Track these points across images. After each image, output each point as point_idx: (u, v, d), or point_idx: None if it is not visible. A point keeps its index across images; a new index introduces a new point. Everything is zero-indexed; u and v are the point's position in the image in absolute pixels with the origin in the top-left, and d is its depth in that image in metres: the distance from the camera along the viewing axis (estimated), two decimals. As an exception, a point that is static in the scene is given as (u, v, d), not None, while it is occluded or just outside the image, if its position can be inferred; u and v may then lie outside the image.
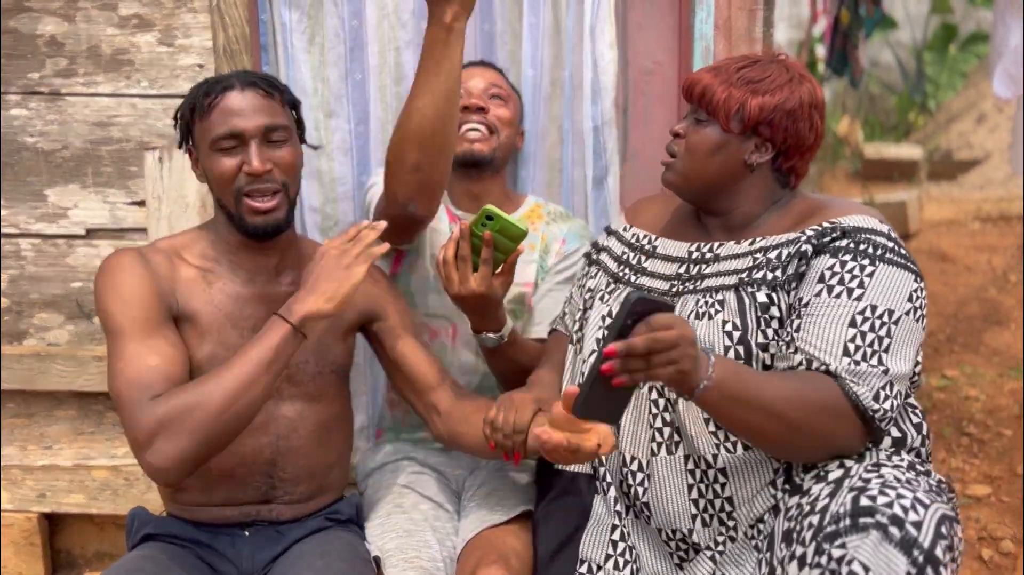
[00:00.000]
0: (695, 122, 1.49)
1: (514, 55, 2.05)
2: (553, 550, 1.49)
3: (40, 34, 1.99)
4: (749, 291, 1.41)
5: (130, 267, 1.48)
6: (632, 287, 1.55)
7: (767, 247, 1.45)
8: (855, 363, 1.31)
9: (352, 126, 2.06)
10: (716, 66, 1.49)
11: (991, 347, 3.70)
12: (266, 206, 1.49)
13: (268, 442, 1.54)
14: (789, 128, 1.45)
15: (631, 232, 1.66)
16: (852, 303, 1.34)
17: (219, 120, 1.47)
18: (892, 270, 1.36)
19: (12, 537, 2.15)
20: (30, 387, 2.08)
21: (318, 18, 2.00)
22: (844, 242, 1.39)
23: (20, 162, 2.04)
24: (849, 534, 1.17)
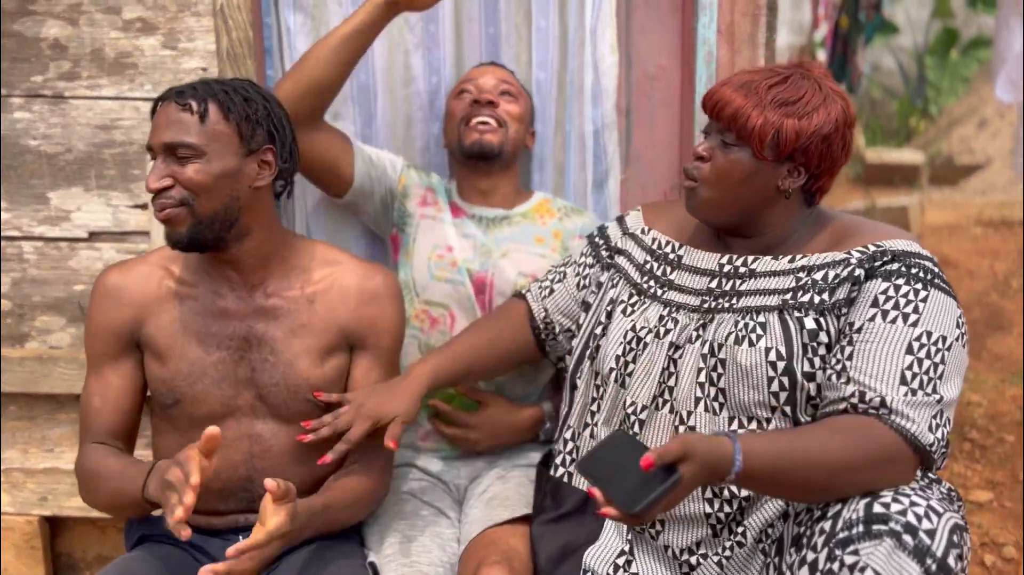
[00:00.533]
0: (722, 144, 1.39)
1: (519, 58, 2.05)
2: (556, 558, 1.48)
3: (44, 37, 1.99)
4: (796, 316, 1.35)
5: (96, 298, 1.57)
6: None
7: (811, 267, 1.38)
8: (912, 392, 1.26)
9: (358, 128, 2.06)
10: (744, 83, 1.38)
11: (993, 352, 3.70)
12: (163, 216, 1.47)
13: (242, 459, 1.53)
14: (824, 152, 1.38)
15: (651, 236, 1.58)
16: (908, 329, 1.29)
17: (151, 131, 1.50)
18: (942, 296, 1.32)
19: (13, 540, 2.14)
20: (32, 390, 2.08)
21: (322, 20, 2.00)
22: (895, 266, 1.33)
23: (23, 165, 2.04)
24: (862, 541, 1.16)
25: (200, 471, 1.28)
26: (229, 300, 1.54)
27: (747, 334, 1.36)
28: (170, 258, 1.58)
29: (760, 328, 1.36)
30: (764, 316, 1.37)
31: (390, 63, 2.03)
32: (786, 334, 1.34)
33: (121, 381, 1.56)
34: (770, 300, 1.38)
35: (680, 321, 1.45)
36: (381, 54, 2.03)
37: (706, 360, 1.39)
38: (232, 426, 1.52)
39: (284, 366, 1.53)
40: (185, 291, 1.55)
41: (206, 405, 1.52)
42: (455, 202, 1.93)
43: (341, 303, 1.57)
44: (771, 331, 1.35)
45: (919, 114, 8.59)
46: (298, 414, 1.54)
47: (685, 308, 1.46)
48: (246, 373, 1.52)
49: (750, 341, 1.35)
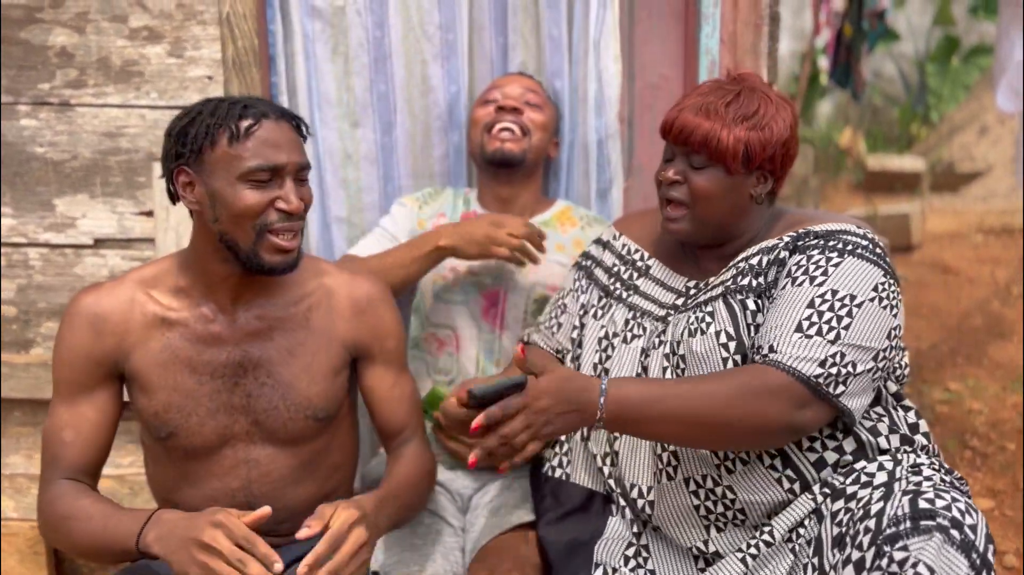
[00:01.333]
0: (691, 167, 1.46)
1: (526, 67, 2.06)
2: (564, 554, 1.49)
3: (51, 45, 2.00)
4: (738, 299, 1.42)
5: (72, 324, 1.46)
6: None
7: (748, 256, 1.46)
8: (805, 337, 1.31)
9: (378, 136, 2.07)
10: (701, 106, 1.44)
11: (994, 360, 3.70)
12: (291, 245, 1.41)
13: (239, 486, 1.48)
14: (784, 156, 1.47)
15: (621, 241, 1.65)
16: (813, 288, 1.35)
17: (256, 150, 1.37)
18: (859, 263, 1.37)
19: (17, 545, 2.15)
20: (36, 396, 2.08)
21: (341, 27, 2.02)
22: (815, 241, 1.41)
23: (29, 172, 2.05)
24: (910, 536, 1.18)
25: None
26: (219, 324, 1.47)
27: (698, 325, 1.43)
28: (147, 281, 1.49)
29: (709, 316, 1.43)
30: (711, 305, 1.44)
31: (408, 73, 2.04)
32: (732, 316, 1.41)
33: (96, 414, 1.46)
34: (715, 291, 1.46)
35: (647, 327, 1.52)
36: (400, 64, 2.04)
37: (669, 359, 1.46)
38: (228, 454, 1.48)
39: (283, 387, 1.48)
40: (172, 317, 1.46)
41: (201, 436, 1.46)
42: (476, 211, 1.93)
43: (338, 317, 1.53)
44: (719, 316, 1.42)
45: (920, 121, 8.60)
46: (297, 435, 1.50)
47: (649, 315, 1.53)
48: (241, 400, 1.47)
49: (701, 330, 1.42)
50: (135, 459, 2.11)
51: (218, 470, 1.48)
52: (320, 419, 1.51)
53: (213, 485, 1.48)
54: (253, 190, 1.38)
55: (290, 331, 1.50)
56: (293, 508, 1.52)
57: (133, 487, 2.14)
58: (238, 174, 1.37)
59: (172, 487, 1.51)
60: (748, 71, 1.54)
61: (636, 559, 1.46)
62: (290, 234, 1.41)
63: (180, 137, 1.40)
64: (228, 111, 1.39)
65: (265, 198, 1.38)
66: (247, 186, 1.38)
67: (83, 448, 1.46)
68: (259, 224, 1.39)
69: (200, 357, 1.46)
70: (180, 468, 1.49)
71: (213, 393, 1.46)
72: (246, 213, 1.38)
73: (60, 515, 1.41)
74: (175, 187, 1.43)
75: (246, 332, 1.47)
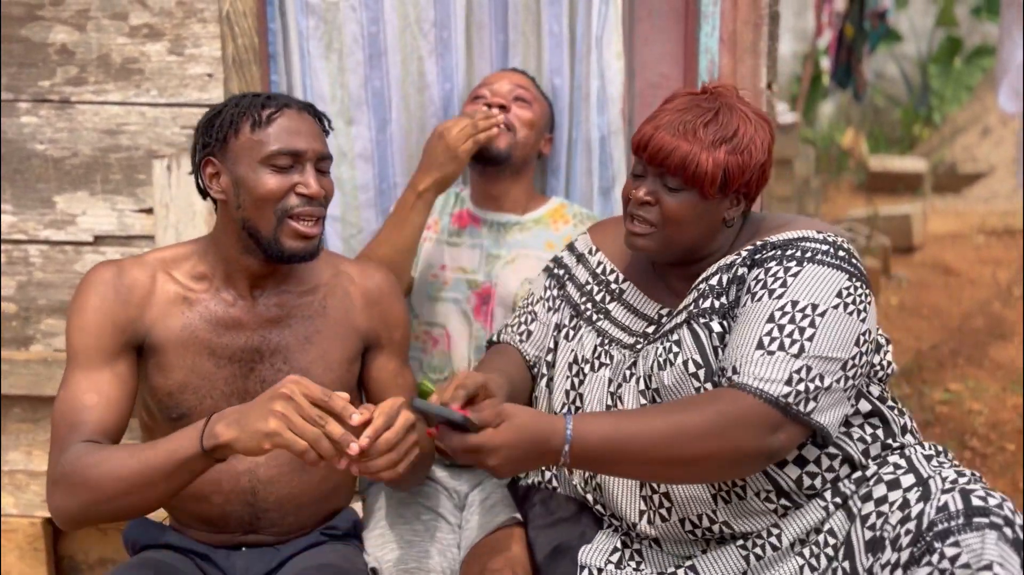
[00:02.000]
0: (665, 188, 1.39)
1: (527, 64, 2.06)
2: (550, 556, 1.48)
3: (51, 43, 2.01)
4: (702, 323, 1.37)
5: (97, 290, 1.43)
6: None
7: (708, 276, 1.41)
8: (768, 354, 1.25)
9: (373, 133, 2.07)
10: (677, 124, 1.37)
11: (995, 361, 3.70)
12: (312, 231, 1.43)
13: (244, 470, 1.48)
14: (760, 178, 1.42)
15: (596, 258, 1.60)
16: (772, 302, 1.30)
17: (278, 136, 1.41)
18: (820, 269, 1.32)
19: (16, 542, 2.15)
20: (36, 392, 2.09)
21: (335, 24, 2.01)
22: (772, 253, 1.36)
23: (29, 169, 2.06)
24: (963, 532, 1.18)
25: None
26: (239, 310, 1.48)
27: (667, 356, 1.38)
28: (168, 262, 1.50)
29: (676, 346, 1.38)
30: (676, 333, 1.39)
31: (404, 70, 2.04)
32: (697, 342, 1.36)
33: (117, 383, 1.41)
34: (679, 318, 1.41)
35: (614, 356, 1.48)
36: (395, 61, 2.04)
37: (645, 395, 1.42)
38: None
39: (298, 374, 1.45)
40: (193, 297, 1.48)
41: None
42: (468, 209, 1.94)
43: (352, 307, 1.56)
44: (685, 345, 1.37)
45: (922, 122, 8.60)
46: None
47: (618, 343, 1.49)
48: (256, 386, 1.48)
49: (670, 362, 1.37)
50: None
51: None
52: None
53: (219, 468, 1.45)
54: (274, 174, 1.41)
55: (307, 319, 1.52)
56: (299, 498, 1.53)
57: (132, 484, 2.14)
58: (260, 158, 1.41)
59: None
60: (725, 84, 1.47)
61: (627, 563, 1.44)
62: (311, 220, 1.43)
63: (207, 129, 1.45)
64: (252, 102, 1.44)
65: (286, 183, 1.41)
66: (269, 170, 1.41)
67: (106, 411, 1.37)
68: (280, 209, 1.42)
69: (219, 340, 1.47)
70: None
71: (230, 377, 1.48)
72: (268, 197, 1.41)
73: (90, 463, 1.29)
74: (203, 180, 1.47)
75: (265, 319, 1.49)
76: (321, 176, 1.45)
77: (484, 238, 1.90)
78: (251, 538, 1.53)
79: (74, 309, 1.44)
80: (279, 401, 1.21)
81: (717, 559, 1.38)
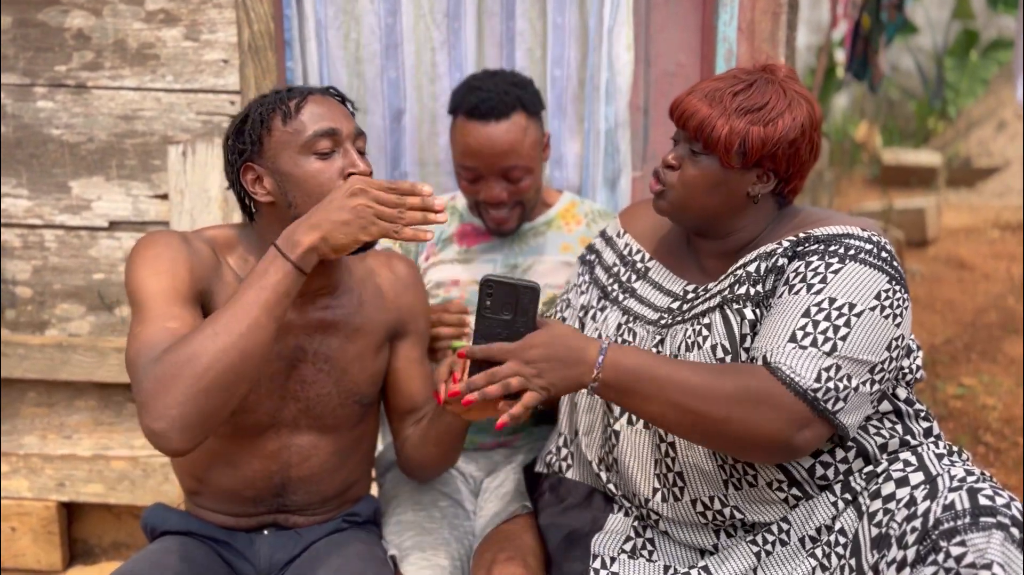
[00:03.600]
0: (691, 153, 1.39)
1: (533, 53, 2.06)
2: (563, 546, 1.48)
3: (67, 27, 2.01)
4: (735, 308, 1.36)
5: (170, 244, 1.36)
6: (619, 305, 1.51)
7: (746, 262, 1.39)
8: (800, 348, 1.25)
9: (387, 123, 2.07)
10: (709, 91, 1.38)
11: (1009, 356, 3.68)
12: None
13: (278, 469, 1.48)
14: (792, 156, 1.38)
15: (624, 241, 1.59)
16: (809, 296, 1.28)
17: (312, 119, 1.36)
18: (862, 268, 1.30)
19: (31, 525, 2.17)
20: (51, 377, 2.10)
21: (354, 14, 2.01)
22: (814, 247, 1.34)
23: (45, 154, 2.06)
24: (969, 532, 1.16)
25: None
26: (290, 313, 1.43)
27: (695, 338, 1.37)
28: (220, 244, 1.44)
29: (706, 330, 1.37)
30: (708, 317, 1.38)
31: (418, 60, 2.04)
32: (728, 329, 1.36)
33: (197, 319, 1.30)
34: (712, 302, 1.40)
35: (638, 333, 1.47)
36: (410, 51, 2.04)
37: None
38: (272, 437, 1.47)
39: (338, 373, 1.47)
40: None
41: (254, 415, 1.44)
42: (473, 224, 1.84)
43: (381, 299, 1.55)
44: (715, 329, 1.36)
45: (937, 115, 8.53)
46: (343, 421, 1.50)
47: (642, 320, 1.47)
48: (296, 385, 1.47)
49: (698, 345, 1.36)
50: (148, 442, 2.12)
51: (260, 452, 1.48)
52: (365, 404, 1.53)
53: (254, 466, 1.48)
54: (319, 161, 1.36)
55: (348, 319, 1.50)
56: (325, 494, 1.54)
57: (146, 469, 2.15)
58: (299, 147, 1.36)
59: (209, 464, 1.50)
60: (780, 63, 1.45)
61: (639, 552, 1.44)
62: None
63: (237, 137, 1.39)
64: (275, 97, 1.40)
65: (334, 169, 1.36)
66: (313, 158, 1.36)
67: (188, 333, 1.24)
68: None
69: None
70: (222, 446, 1.48)
71: (273, 375, 1.45)
72: (321, 188, 1.34)
73: (175, 348, 1.20)
74: (245, 188, 1.39)
75: (312, 322, 1.46)
76: (361, 157, 1.40)
77: (498, 251, 1.83)
78: (279, 518, 1.54)
79: (144, 262, 1.33)
80: (352, 197, 1.24)
81: (727, 558, 1.37)
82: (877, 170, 7.27)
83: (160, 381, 1.18)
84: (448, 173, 2.09)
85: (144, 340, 1.25)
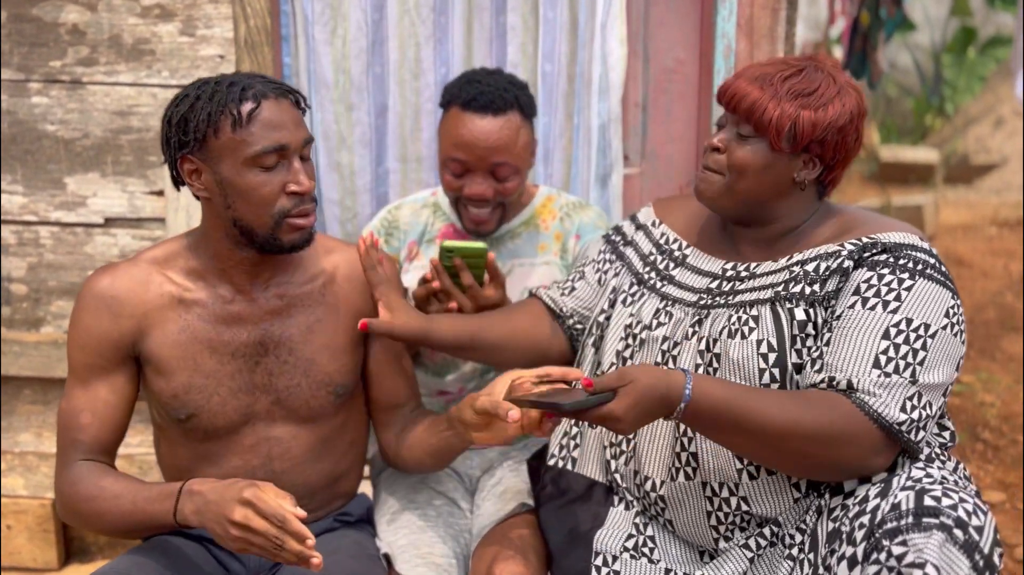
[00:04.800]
0: (738, 136, 1.40)
1: (525, 48, 2.04)
2: (565, 543, 1.48)
3: (62, 23, 1.99)
4: (787, 307, 1.35)
5: (89, 307, 1.44)
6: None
7: (804, 260, 1.39)
8: (884, 375, 1.26)
9: (372, 119, 2.07)
10: (759, 75, 1.39)
11: (1007, 353, 3.67)
12: (308, 222, 1.41)
13: (259, 463, 1.49)
14: (839, 143, 1.39)
15: (660, 230, 1.59)
16: (887, 315, 1.29)
17: (262, 134, 1.34)
18: (931, 286, 1.32)
19: (26, 523, 2.16)
20: (47, 374, 2.09)
21: (341, 10, 2.00)
22: (884, 257, 1.34)
23: (40, 150, 2.05)
24: (911, 532, 1.16)
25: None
26: (238, 304, 1.46)
27: (740, 327, 1.37)
28: (160, 261, 1.47)
29: (753, 321, 1.37)
30: (757, 309, 1.38)
31: (401, 56, 2.03)
32: (777, 326, 1.36)
33: (113, 396, 1.45)
34: (763, 294, 1.40)
35: (674, 315, 1.47)
36: (394, 47, 2.03)
37: (703, 356, 1.40)
38: (249, 433, 1.48)
39: (305, 364, 1.48)
40: (189, 297, 1.45)
41: (223, 416, 1.46)
42: (454, 225, 1.82)
43: (352, 290, 1.55)
44: (763, 323, 1.36)
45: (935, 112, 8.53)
46: (319, 412, 1.51)
47: (681, 303, 1.47)
48: (263, 379, 1.47)
49: (742, 334, 1.36)
50: (144, 439, 2.11)
51: (238, 448, 1.48)
52: (341, 395, 1.53)
53: (233, 463, 1.48)
54: (262, 174, 1.36)
55: (308, 308, 1.50)
56: (312, 485, 1.53)
57: (142, 467, 2.14)
58: (244, 159, 1.35)
59: (189, 467, 1.51)
60: (825, 54, 1.46)
61: (640, 550, 1.44)
62: (305, 214, 1.41)
63: (180, 125, 1.37)
64: (227, 95, 1.35)
65: (276, 183, 1.37)
66: (256, 171, 1.36)
67: (100, 430, 1.45)
68: (277, 212, 1.38)
69: (221, 337, 1.45)
70: (199, 448, 1.49)
71: (235, 373, 1.47)
72: (263, 199, 1.37)
73: (84, 497, 1.41)
74: (181, 175, 1.41)
75: (266, 311, 1.48)
76: (305, 164, 1.40)
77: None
78: None
79: (71, 324, 1.47)
80: (237, 529, 1.25)
81: (722, 565, 1.38)
82: (875, 167, 7.27)
83: (61, 502, 1.45)
84: (430, 169, 2.08)
85: (64, 425, 1.45)
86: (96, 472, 1.42)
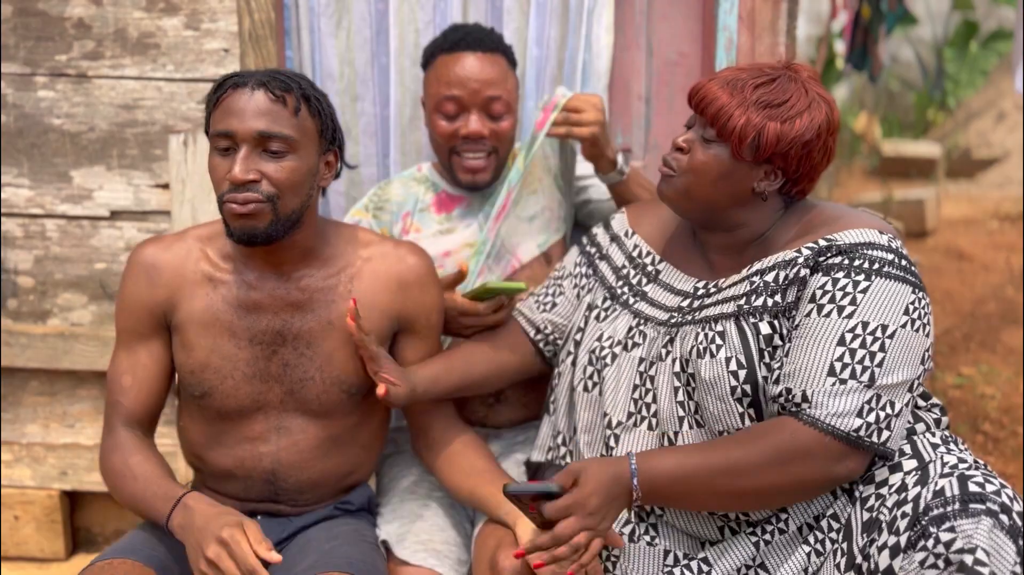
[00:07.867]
0: (702, 139, 1.38)
1: (520, 32, 2.05)
2: None
3: (68, 16, 2.00)
4: (751, 322, 1.35)
5: (136, 271, 1.51)
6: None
7: (763, 269, 1.38)
8: (840, 382, 1.26)
9: (378, 109, 2.07)
10: (730, 79, 1.37)
11: (1008, 346, 3.68)
12: (243, 210, 1.37)
13: (268, 451, 1.50)
14: (804, 158, 1.37)
15: (633, 241, 1.58)
16: (842, 321, 1.28)
17: (219, 117, 1.39)
18: (888, 284, 1.30)
19: (34, 514, 2.18)
20: (53, 366, 2.10)
21: (345, 2, 2.01)
22: (838, 259, 1.32)
23: (46, 143, 2.06)
24: (958, 518, 1.17)
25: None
26: (261, 293, 1.47)
27: (707, 345, 1.36)
28: (205, 238, 1.51)
29: (719, 338, 1.36)
30: (722, 324, 1.37)
31: (401, 43, 2.04)
32: (743, 341, 1.35)
33: (151, 361, 1.50)
34: (727, 308, 1.38)
35: (648, 335, 1.46)
36: (395, 34, 2.04)
37: (680, 378, 1.40)
38: (260, 420, 1.50)
39: (321, 359, 1.48)
40: (219, 277, 1.48)
41: (235, 399, 1.48)
42: (445, 191, 1.81)
43: (381, 289, 1.52)
44: (729, 340, 1.35)
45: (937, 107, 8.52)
46: (330, 408, 1.51)
47: (653, 321, 1.47)
48: (278, 369, 1.48)
49: (711, 352, 1.35)
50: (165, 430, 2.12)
51: (249, 434, 1.50)
52: (353, 394, 1.52)
53: (244, 447, 1.50)
54: (218, 157, 1.41)
55: (330, 303, 1.50)
56: (316, 480, 1.54)
57: (148, 458, 2.16)
58: (210, 137, 1.41)
59: (204, 444, 1.53)
60: (805, 63, 1.44)
61: (642, 536, 1.44)
62: (240, 203, 1.38)
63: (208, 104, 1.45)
64: (223, 80, 1.42)
65: (224, 167, 1.40)
66: (215, 154, 1.41)
67: (140, 394, 1.50)
68: (218, 196, 1.41)
69: (240, 322, 1.48)
70: (212, 427, 1.52)
71: (251, 359, 1.48)
72: (214, 184, 1.41)
73: (114, 470, 1.48)
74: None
75: (286, 302, 1.48)
76: (267, 158, 1.38)
77: (475, 214, 1.80)
78: (267, 506, 1.55)
79: (119, 290, 1.54)
80: (206, 564, 1.30)
81: (727, 549, 1.38)
82: (876, 161, 7.27)
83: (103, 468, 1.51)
84: (429, 157, 2.08)
85: (111, 386, 1.53)
86: (129, 446, 1.48)
